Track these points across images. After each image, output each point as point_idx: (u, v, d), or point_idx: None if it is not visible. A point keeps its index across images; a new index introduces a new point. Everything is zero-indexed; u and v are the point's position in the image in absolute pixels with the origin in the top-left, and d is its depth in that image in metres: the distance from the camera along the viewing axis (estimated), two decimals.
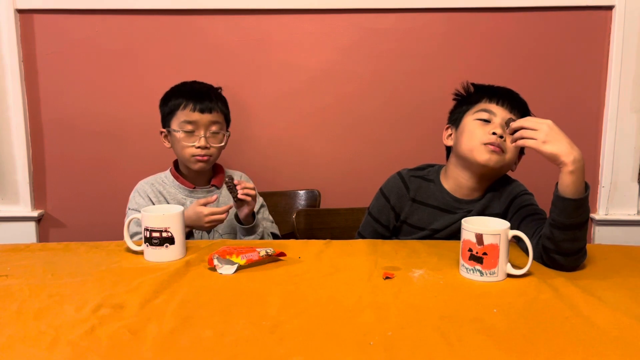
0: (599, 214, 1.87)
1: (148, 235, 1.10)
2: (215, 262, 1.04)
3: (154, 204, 1.43)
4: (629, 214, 1.87)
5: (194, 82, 1.53)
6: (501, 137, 1.19)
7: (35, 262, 1.10)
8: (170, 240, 1.10)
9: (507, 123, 1.14)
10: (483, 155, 1.20)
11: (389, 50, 1.82)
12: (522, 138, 1.04)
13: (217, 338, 0.77)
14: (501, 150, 1.19)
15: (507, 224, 1.01)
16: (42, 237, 1.92)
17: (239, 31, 1.81)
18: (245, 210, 1.38)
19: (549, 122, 1.03)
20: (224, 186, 1.54)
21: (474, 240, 0.98)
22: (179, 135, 1.44)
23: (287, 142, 1.87)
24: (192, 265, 1.07)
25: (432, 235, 1.29)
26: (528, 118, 1.06)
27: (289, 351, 0.73)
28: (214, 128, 1.45)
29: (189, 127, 1.44)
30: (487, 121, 1.22)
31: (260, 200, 1.58)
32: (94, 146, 1.87)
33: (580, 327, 0.79)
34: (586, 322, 0.81)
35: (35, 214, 1.88)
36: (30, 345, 0.75)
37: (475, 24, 1.79)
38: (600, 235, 1.88)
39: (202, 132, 1.43)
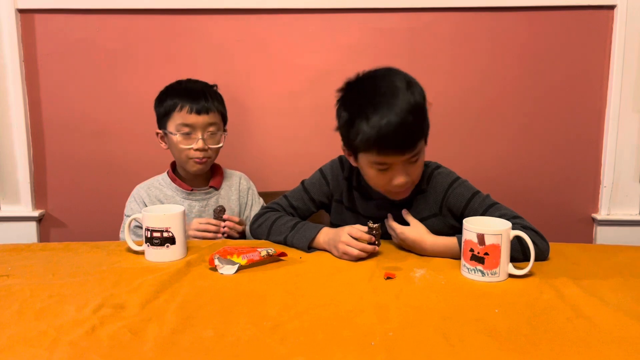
0: (601, 214, 1.86)
1: (149, 235, 1.09)
2: (216, 262, 1.04)
3: None
4: (631, 214, 1.87)
5: (189, 81, 1.51)
6: (405, 183, 1.14)
7: (36, 262, 1.10)
8: (171, 240, 1.10)
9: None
10: (392, 196, 1.20)
11: (390, 49, 1.81)
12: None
13: (218, 338, 0.77)
14: (409, 187, 1.18)
15: (508, 224, 1.00)
16: (43, 237, 1.92)
17: (239, 31, 1.80)
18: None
19: (414, 242, 1.14)
20: (222, 188, 1.53)
21: (475, 240, 0.98)
22: (176, 138, 1.43)
23: (287, 141, 1.87)
24: (193, 266, 1.07)
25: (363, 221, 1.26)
26: (401, 237, 1.15)
27: (290, 351, 0.73)
28: (211, 129, 1.44)
29: (186, 130, 1.42)
30: (386, 169, 1.14)
31: (260, 202, 1.57)
32: (95, 146, 1.86)
33: (582, 327, 0.79)
34: (588, 323, 0.81)
35: (36, 213, 1.87)
36: (31, 345, 0.75)
37: (477, 24, 1.79)
38: (602, 236, 1.87)
39: (199, 134, 1.42)
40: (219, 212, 1.37)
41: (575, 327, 0.79)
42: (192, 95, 1.43)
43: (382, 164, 1.12)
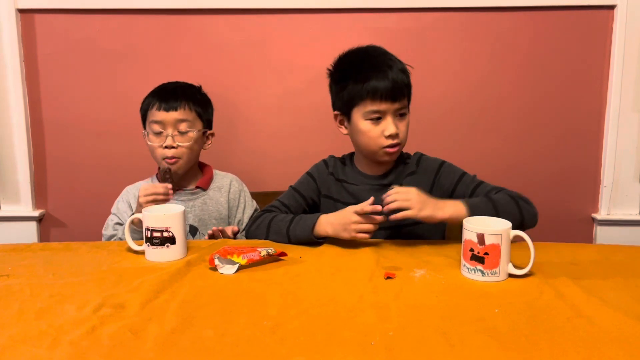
0: (601, 214, 1.86)
1: (149, 235, 1.10)
2: (216, 261, 1.04)
3: (133, 212, 1.43)
4: (631, 214, 1.87)
5: (169, 82, 1.51)
6: (396, 135, 1.24)
7: (36, 262, 1.10)
8: (172, 240, 1.10)
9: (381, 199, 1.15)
10: (383, 157, 1.29)
11: (390, 49, 1.80)
12: (398, 210, 1.12)
13: (218, 338, 0.77)
14: (398, 144, 1.26)
15: (508, 223, 1.01)
16: (43, 236, 1.92)
17: (239, 31, 1.80)
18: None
19: (414, 189, 1.14)
20: (211, 189, 1.52)
21: (475, 240, 0.98)
22: (149, 136, 1.44)
23: (286, 141, 1.87)
24: (193, 265, 1.07)
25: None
26: (396, 192, 1.14)
27: (290, 351, 0.73)
28: (181, 126, 1.42)
29: (157, 127, 1.42)
30: (378, 118, 1.25)
31: (253, 205, 1.56)
32: (95, 146, 1.86)
33: (582, 327, 0.79)
34: (588, 323, 0.81)
35: (36, 213, 1.88)
36: (31, 345, 0.75)
37: (476, 24, 1.79)
38: (602, 235, 1.87)
39: (169, 131, 1.42)
40: (164, 174, 1.36)
41: (575, 327, 0.79)
42: (163, 93, 1.45)
43: (375, 112, 1.24)
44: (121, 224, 1.45)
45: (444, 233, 1.38)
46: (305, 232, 1.19)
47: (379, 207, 1.13)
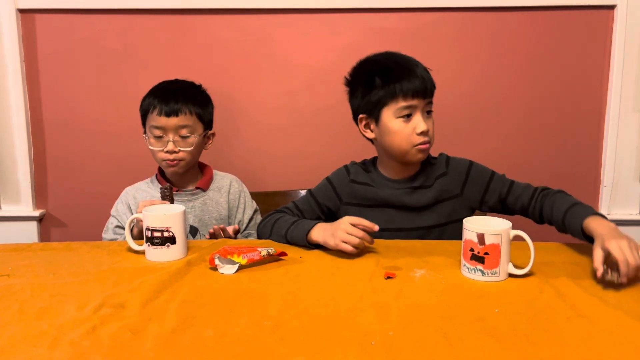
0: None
1: (149, 235, 1.10)
2: (217, 261, 1.04)
3: (132, 213, 1.43)
4: (631, 214, 1.87)
5: (169, 82, 1.50)
6: (427, 131, 1.24)
7: (36, 262, 1.10)
8: (172, 240, 1.10)
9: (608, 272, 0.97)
10: (416, 156, 1.26)
11: (390, 49, 1.81)
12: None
13: (219, 338, 0.77)
14: (429, 141, 1.26)
15: (509, 223, 1.01)
16: (44, 236, 1.92)
17: (240, 31, 1.80)
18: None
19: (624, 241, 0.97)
20: (210, 190, 1.52)
21: (475, 240, 0.98)
22: (150, 140, 1.44)
23: (287, 141, 1.87)
24: (194, 265, 1.08)
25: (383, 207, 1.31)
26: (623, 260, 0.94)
27: (290, 351, 0.73)
28: (182, 132, 1.42)
29: (158, 132, 1.42)
30: (409, 115, 1.24)
31: (253, 205, 1.57)
32: (95, 146, 1.86)
33: (582, 327, 0.79)
34: (588, 322, 0.81)
35: (36, 213, 1.88)
36: (31, 345, 0.75)
37: (476, 24, 1.79)
38: None
39: (170, 137, 1.41)
40: (164, 191, 1.33)
41: (575, 327, 0.79)
42: (164, 96, 1.43)
43: (407, 108, 1.23)
44: (121, 227, 1.45)
45: None
46: (300, 236, 1.18)
47: (376, 227, 1.11)
